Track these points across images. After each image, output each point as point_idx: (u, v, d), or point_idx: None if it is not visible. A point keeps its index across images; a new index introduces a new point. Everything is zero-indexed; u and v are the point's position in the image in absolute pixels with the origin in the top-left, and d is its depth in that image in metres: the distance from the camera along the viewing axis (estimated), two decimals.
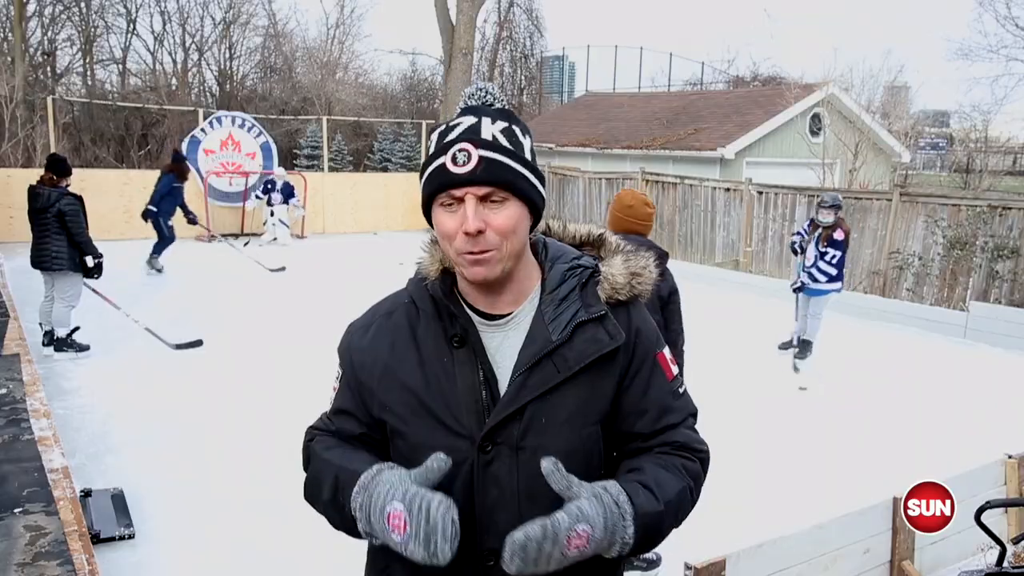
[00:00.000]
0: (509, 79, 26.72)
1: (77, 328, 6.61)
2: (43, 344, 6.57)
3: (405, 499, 1.10)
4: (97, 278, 6.48)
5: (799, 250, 7.12)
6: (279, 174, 14.16)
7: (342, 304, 5.78)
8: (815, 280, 6.88)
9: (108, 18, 22.44)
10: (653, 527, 1.18)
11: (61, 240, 6.21)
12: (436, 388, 1.24)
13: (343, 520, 1.21)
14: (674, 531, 1.30)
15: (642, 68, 25.45)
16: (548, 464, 1.12)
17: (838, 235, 6.78)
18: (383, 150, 21.64)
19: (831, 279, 6.89)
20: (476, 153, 1.17)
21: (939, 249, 9.47)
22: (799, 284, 7.01)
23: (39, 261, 6.32)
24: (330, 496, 1.22)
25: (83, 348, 6.59)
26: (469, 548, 1.20)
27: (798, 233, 7.25)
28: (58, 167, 6.36)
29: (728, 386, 6.29)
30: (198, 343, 7.01)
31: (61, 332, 6.48)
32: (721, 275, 11.38)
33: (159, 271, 10.55)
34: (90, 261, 6.33)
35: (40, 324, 6.68)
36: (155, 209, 10.26)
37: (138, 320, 7.01)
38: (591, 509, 1.11)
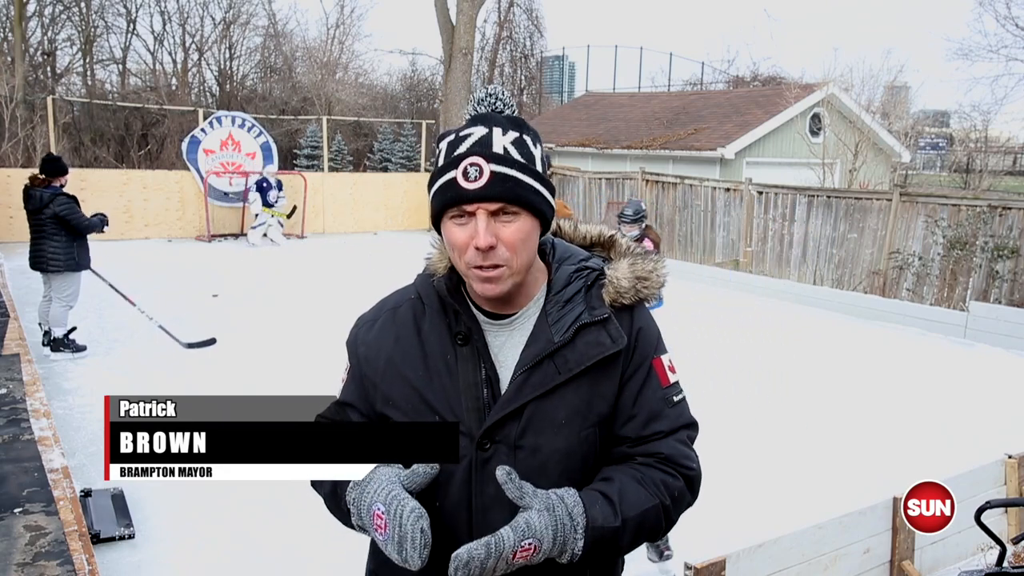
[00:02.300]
0: (509, 79, 26.72)
1: (74, 328, 6.62)
2: (43, 344, 6.57)
3: (386, 502, 1.12)
4: (107, 227, 6.53)
5: None
6: (269, 171, 14.37)
7: (342, 304, 5.78)
8: None
9: (108, 18, 22.48)
10: (607, 541, 1.17)
11: (58, 241, 6.23)
12: (438, 384, 1.24)
13: (340, 512, 1.24)
14: (673, 531, 1.30)
15: (642, 68, 25.53)
16: (502, 473, 1.12)
17: (646, 246, 5.98)
18: (383, 150, 21.63)
19: None
20: (488, 168, 1.16)
21: (939, 249, 9.46)
22: None
23: (36, 262, 6.34)
24: (330, 488, 1.25)
25: (80, 348, 6.58)
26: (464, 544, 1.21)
27: None
28: (48, 167, 6.35)
29: (728, 386, 6.29)
30: (211, 342, 6.97)
31: (58, 332, 6.48)
32: (721, 275, 11.38)
33: None
34: (98, 230, 6.42)
35: (40, 324, 6.68)
36: None
37: (152, 317, 6.98)
38: (540, 522, 1.11)
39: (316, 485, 1.30)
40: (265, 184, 13.95)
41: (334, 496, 1.24)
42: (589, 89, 24.56)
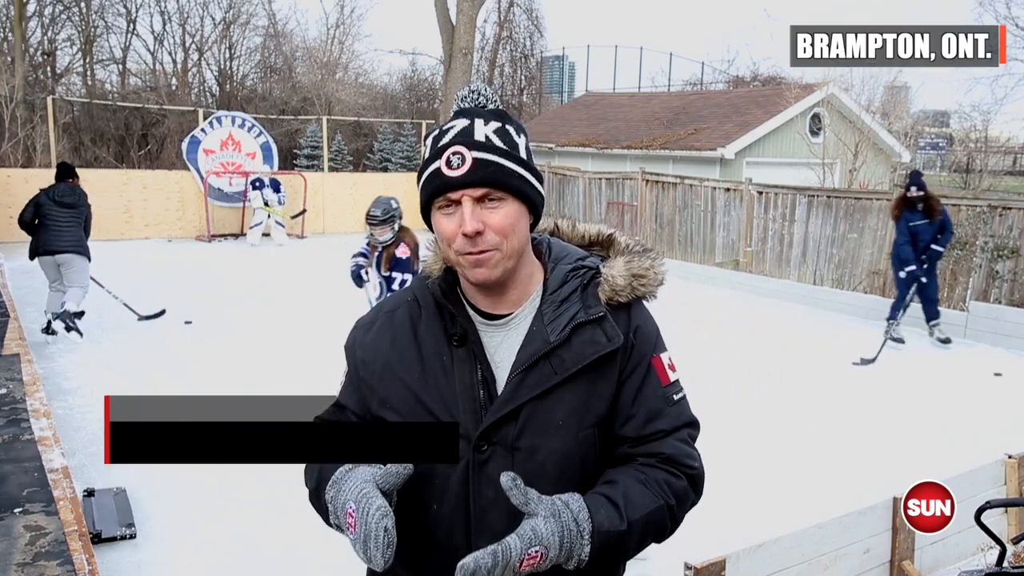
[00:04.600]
0: (509, 79, 26.70)
1: (83, 312, 6.92)
2: (42, 331, 6.71)
3: (356, 499, 1.11)
4: None
5: (363, 279, 5.54)
6: (265, 171, 14.42)
7: (342, 304, 5.78)
8: None
9: (108, 18, 22.47)
10: (613, 546, 1.16)
11: (83, 231, 6.95)
12: (434, 386, 1.24)
13: (322, 511, 1.23)
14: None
15: (642, 68, 25.46)
16: (507, 480, 1.11)
17: (401, 252, 5.20)
18: (383, 150, 21.61)
19: None
20: (470, 155, 1.18)
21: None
22: None
23: (70, 246, 6.76)
24: (314, 486, 1.25)
25: (80, 332, 6.78)
26: (463, 547, 1.21)
27: (361, 254, 5.57)
28: (74, 171, 7.14)
29: (728, 386, 6.29)
30: (161, 313, 7.85)
31: (72, 307, 6.74)
32: (721, 275, 11.38)
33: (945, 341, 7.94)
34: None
35: (45, 312, 6.91)
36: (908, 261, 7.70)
37: (117, 296, 7.64)
38: (546, 529, 1.10)
39: (307, 487, 1.30)
40: (258, 183, 13.95)
41: (316, 493, 1.24)
42: (589, 89, 24.54)
